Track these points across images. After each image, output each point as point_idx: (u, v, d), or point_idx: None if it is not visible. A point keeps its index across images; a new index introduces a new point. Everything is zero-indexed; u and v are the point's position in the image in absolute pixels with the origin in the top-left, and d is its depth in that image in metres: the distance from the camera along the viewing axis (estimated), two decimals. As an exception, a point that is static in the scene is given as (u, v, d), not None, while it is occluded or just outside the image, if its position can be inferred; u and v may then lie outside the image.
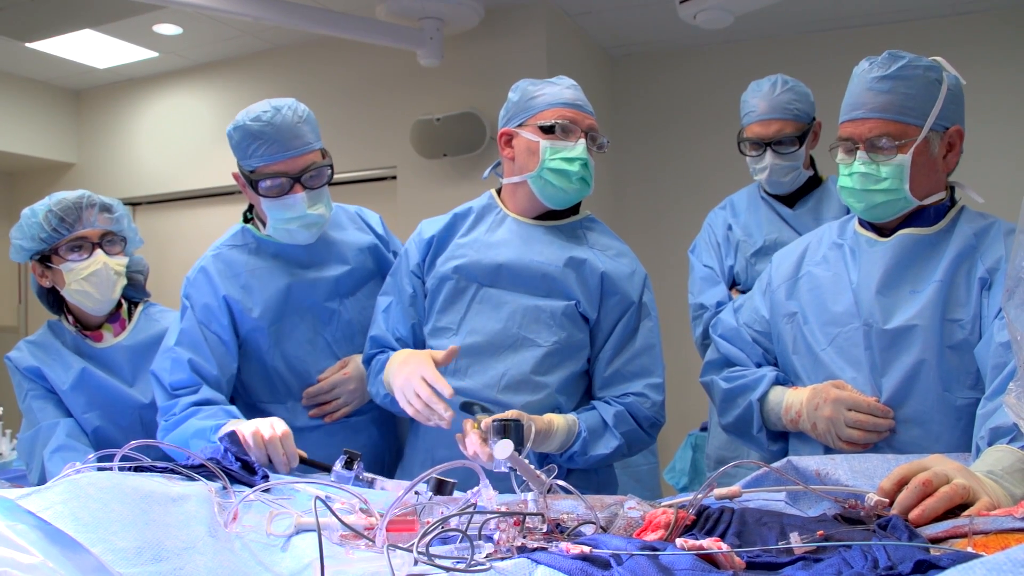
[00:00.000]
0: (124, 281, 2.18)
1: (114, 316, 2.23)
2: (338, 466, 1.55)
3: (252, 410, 2.02)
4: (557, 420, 1.78)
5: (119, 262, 2.15)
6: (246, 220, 2.13)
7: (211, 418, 1.85)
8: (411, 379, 1.73)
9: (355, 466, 1.54)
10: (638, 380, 1.89)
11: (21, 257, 2.16)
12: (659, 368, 1.94)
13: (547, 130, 1.88)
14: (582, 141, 1.88)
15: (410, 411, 1.75)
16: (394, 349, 1.96)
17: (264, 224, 2.05)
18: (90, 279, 2.09)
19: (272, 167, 1.93)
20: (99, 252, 2.11)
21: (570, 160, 1.87)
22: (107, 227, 2.14)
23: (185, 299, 2.03)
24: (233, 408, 1.91)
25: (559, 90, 1.93)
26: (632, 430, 1.85)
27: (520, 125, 1.93)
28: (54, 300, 2.22)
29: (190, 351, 1.96)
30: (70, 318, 2.21)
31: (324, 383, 2.05)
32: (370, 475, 1.58)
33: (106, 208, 2.15)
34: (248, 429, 1.69)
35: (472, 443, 1.58)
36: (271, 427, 1.70)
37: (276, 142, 1.91)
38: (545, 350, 1.86)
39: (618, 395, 1.89)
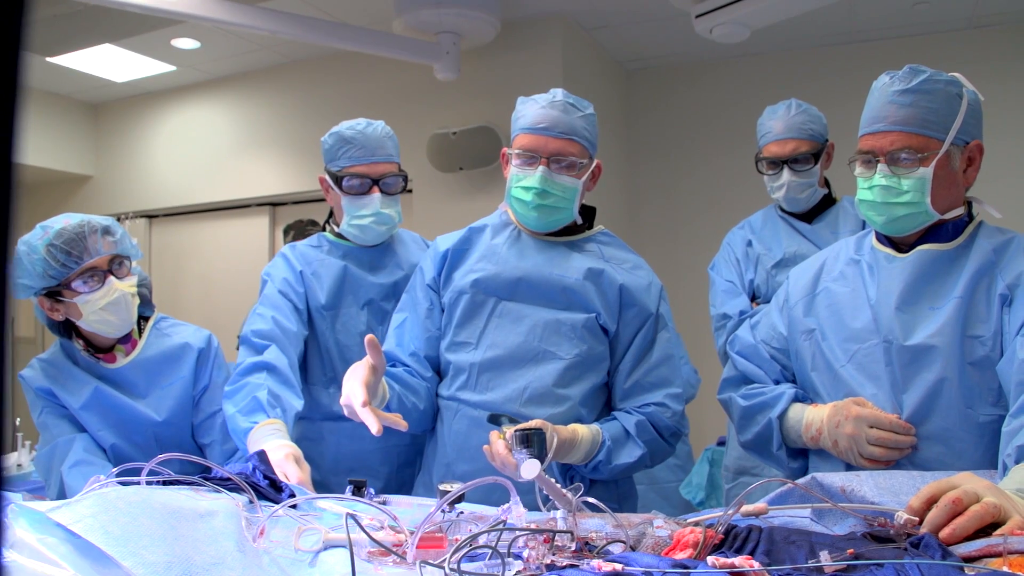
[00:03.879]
0: (139, 301, 2.16)
1: (126, 336, 2.19)
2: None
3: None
4: (581, 430, 1.79)
5: (131, 283, 2.12)
6: (323, 230, 2.37)
7: (248, 414, 1.89)
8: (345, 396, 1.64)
9: (364, 493, 1.54)
10: (658, 390, 1.90)
11: (25, 294, 2.09)
12: (678, 378, 1.96)
13: (512, 157, 1.94)
14: (541, 169, 1.88)
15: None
16: (405, 364, 1.97)
17: (339, 226, 2.27)
18: (108, 308, 2.06)
19: (357, 168, 2.20)
20: (112, 279, 2.06)
21: (526, 189, 1.90)
22: (112, 251, 2.08)
23: (265, 276, 2.26)
24: (263, 397, 1.91)
25: (534, 112, 1.91)
26: (653, 439, 1.86)
27: (512, 146, 1.97)
28: (64, 327, 2.17)
29: (272, 310, 2.14)
30: (80, 343, 2.16)
31: None
32: (383, 496, 1.60)
33: (107, 231, 2.09)
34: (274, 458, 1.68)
35: (499, 454, 1.59)
36: (284, 476, 1.69)
37: (364, 148, 2.20)
38: (567, 363, 1.87)
39: (638, 406, 1.90)
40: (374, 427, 1.54)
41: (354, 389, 1.60)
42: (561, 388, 1.86)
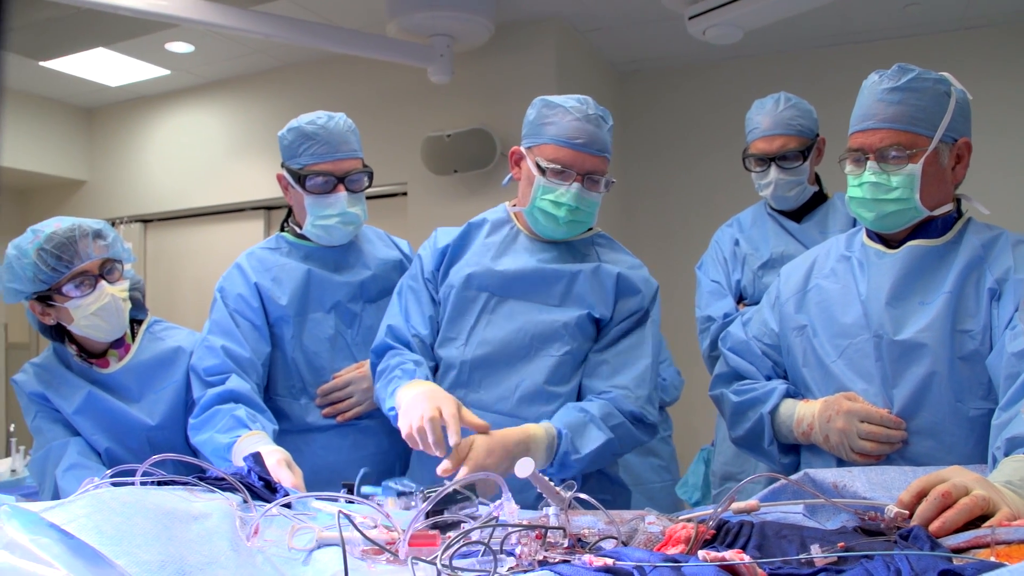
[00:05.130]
0: (130, 305, 2.14)
1: (118, 341, 2.18)
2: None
3: (266, 403, 2.07)
4: (532, 428, 1.74)
5: (122, 288, 2.10)
6: (281, 230, 2.28)
7: (227, 432, 1.87)
8: (426, 409, 1.64)
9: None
10: (624, 374, 1.87)
11: (15, 299, 2.06)
12: (647, 367, 1.90)
13: (543, 168, 1.87)
14: (575, 186, 1.85)
15: (404, 432, 1.69)
16: (408, 345, 1.94)
17: (301, 227, 2.18)
18: (99, 313, 2.04)
19: (320, 166, 2.09)
20: (103, 284, 2.04)
21: (557, 204, 1.86)
22: (104, 255, 2.06)
23: (218, 292, 2.15)
24: (242, 415, 1.91)
25: (568, 121, 1.86)
26: (620, 424, 1.81)
27: (530, 148, 1.93)
28: (57, 331, 2.16)
29: (222, 338, 2.06)
30: (73, 347, 2.15)
31: (338, 380, 2.11)
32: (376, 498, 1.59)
33: (98, 235, 2.07)
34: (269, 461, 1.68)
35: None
36: (278, 480, 1.70)
37: (327, 144, 2.09)
38: (557, 360, 1.87)
39: (601, 390, 1.86)
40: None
41: (453, 422, 1.63)
42: (553, 386, 1.86)
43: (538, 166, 1.87)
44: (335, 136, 2.09)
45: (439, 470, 1.59)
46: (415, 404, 1.68)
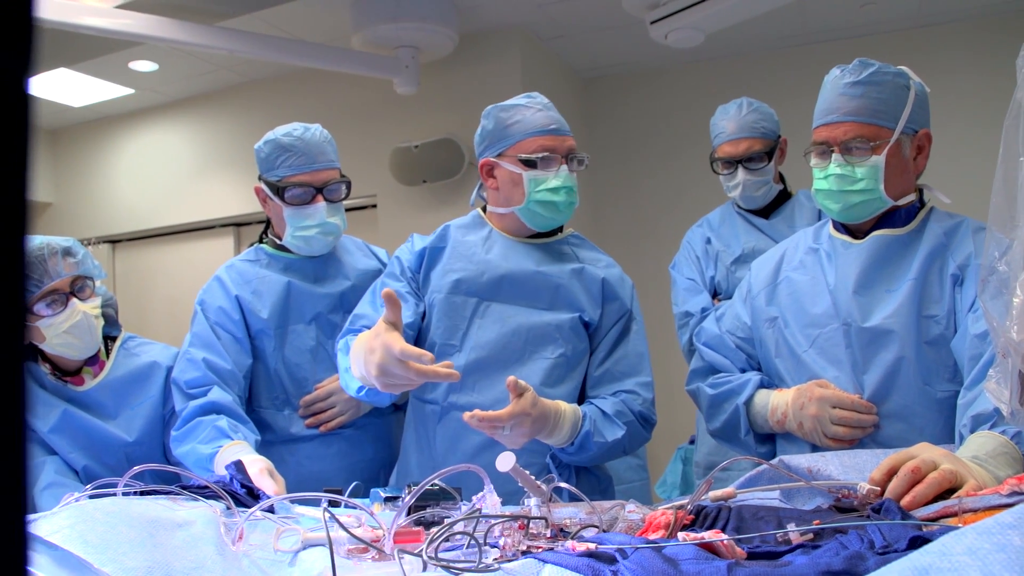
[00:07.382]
0: (103, 321, 2.14)
1: (93, 358, 2.17)
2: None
3: (250, 415, 2.05)
4: (563, 405, 1.77)
5: (94, 305, 2.10)
6: (260, 242, 2.27)
7: (209, 442, 1.86)
8: (390, 367, 1.59)
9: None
10: (628, 379, 1.92)
11: None
12: (647, 369, 1.96)
13: (528, 163, 1.89)
14: (564, 168, 1.90)
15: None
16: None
17: (280, 239, 2.18)
18: (72, 331, 2.04)
19: (298, 177, 2.09)
20: (75, 302, 2.04)
21: (555, 190, 1.89)
22: (74, 272, 2.06)
23: (198, 306, 2.14)
24: (224, 425, 1.90)
25: (532, 115, 1.92)
26: (631, 422, 1.85)
27: (499, 155, 1.93)
28: (29, 351, 2.13)
29: (203, 350, 2.04)
30: (47, 366, 2.14)
31: (320, 391, 2.10)
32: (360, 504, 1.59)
33: (68, 252, 2.06)
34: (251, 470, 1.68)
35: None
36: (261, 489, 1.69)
37: (305, 155, 2.09)
38: (552, 362, 1.88)
39: (611, 393, 1.90)
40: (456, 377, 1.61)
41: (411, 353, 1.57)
42: (548, 387, 1.85)
43: (524, 162, 1.89)
44: (312, 147, 2.10)
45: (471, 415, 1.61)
46: (377, 374, 1.62)
